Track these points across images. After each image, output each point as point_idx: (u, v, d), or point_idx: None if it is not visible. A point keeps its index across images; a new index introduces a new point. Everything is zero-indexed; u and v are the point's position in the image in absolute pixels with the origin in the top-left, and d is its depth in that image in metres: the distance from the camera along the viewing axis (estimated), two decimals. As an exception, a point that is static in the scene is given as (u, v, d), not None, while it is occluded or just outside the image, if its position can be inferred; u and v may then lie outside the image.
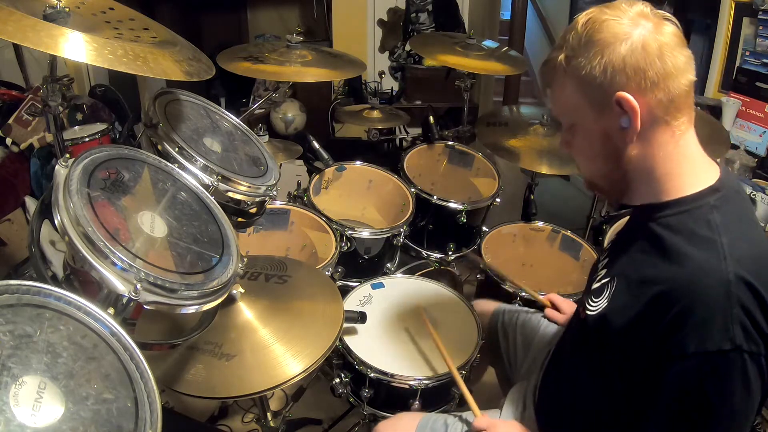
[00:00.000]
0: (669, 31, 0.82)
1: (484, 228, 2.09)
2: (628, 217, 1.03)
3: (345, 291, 1.59)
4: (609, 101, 0.83)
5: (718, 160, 0.91)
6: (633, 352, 0.83)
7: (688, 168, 0.86)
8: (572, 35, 0.84)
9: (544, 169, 1.95)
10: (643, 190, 0.90)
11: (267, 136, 2.02)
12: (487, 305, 1.58)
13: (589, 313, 0.95)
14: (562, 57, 0.85)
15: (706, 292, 0.77)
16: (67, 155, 0.92)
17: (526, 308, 1.54)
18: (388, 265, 1.95)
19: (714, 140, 1.86)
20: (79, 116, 2.39)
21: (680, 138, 0.86)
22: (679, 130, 0.85)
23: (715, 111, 2.33)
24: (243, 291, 1.17)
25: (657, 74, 0.80)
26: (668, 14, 0.84)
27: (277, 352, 1.09)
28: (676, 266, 0.80)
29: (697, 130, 0.88)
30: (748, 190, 1.98)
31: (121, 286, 0.79)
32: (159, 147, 1.11)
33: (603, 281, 0.95)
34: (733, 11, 2.32)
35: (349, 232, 1.80)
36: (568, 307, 1.44)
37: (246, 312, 1.16)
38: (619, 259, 0.95)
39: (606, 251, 1.06)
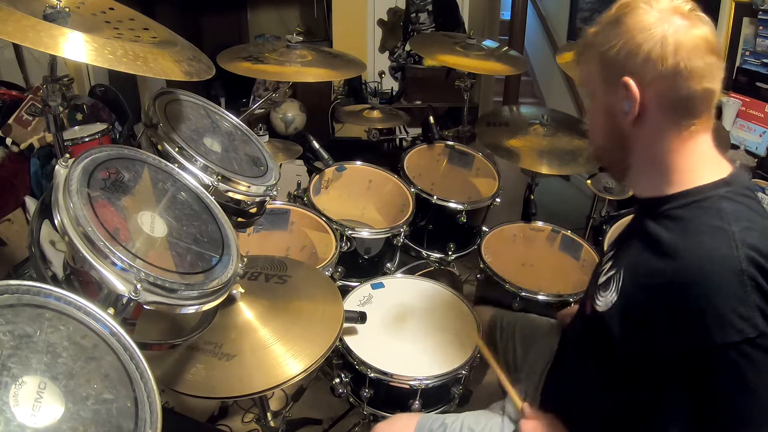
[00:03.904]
0: (697, 33, 0.82)
1: (484, 228, 2.08)
2: (632, 215, 1.03)
3: (345, 291, 1.59)
4: (617, 81, 0.86)
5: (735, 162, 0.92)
6: (648, 346, 0.83)
7: (695, 163, 0.87)
8: (606, 13, 0.89)
9: (544, 169, 1.95)
10: (647, 181, 0.92)
11: (267, 136, 2.02)
12: (484, 312, 1.58)
13: (598, 308, 0.94)
14: (592, 30, 0.90)
15: (720, 281, 0.77)
16: (67, 155, 0.92)
17: (523, 313, 1.54)
18: (388, 265, 1.95)
19: (714, 140, 1.85)
20: (79, 116, 2.39)
21: (688, 138, 0.86)
22: (687, 131, 0.86)
23: (715, 111, 2.32)
24: (243, 291, 1.17)
25: (667, 71, 0.82)
26: (705, 17, 0.84)
27: (277, 352, 1.09)
28: (687, 256, 0.80)
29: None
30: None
31: (121, 286, 0.79)
32: (159, 147, 1.11)
33: (609, 274, 0.95)
34: (733, 11, 2.32)
35: (349, 232, 1.80)
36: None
37: (246, 312, 1.16)
38: (624, 252, 0.96)
39: (612, 245, 1.06)
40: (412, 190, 2.02)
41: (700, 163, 0.87)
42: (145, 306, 0.83)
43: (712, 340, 0.76)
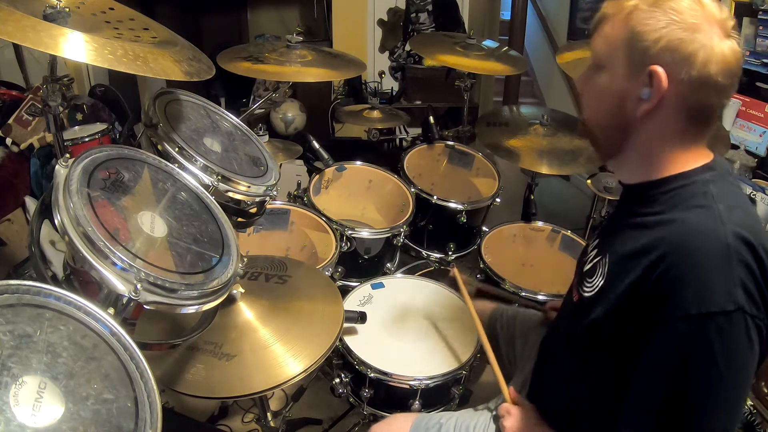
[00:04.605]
0: (736, 52, 0.82)
1: (484, 228, 2.09)
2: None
3: (345, 291, 1.59)
4: (643, 67, 0.83)
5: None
6: (631, 321, 0.83)
7: (684, 155, 0.88)
8: None
9: (544, 169, 1.95)
10: (634, 168, 0.92)
11: (267, 136, 2.02)
12: (486, 306, 1.58)
13: (585, 294, 0.95)
14: (633, 3, 0.85)
15: (704, 252, 0.77)
16: (67, 155, 0.92)
17: (524, 308, 1.54)
18: (388, 265, 1.95)
19: (714, 140, 1.85)
20: (79, 116, 2.39)
21: (690, 143, 0.88)
22: (689, 136, 0.87)
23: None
24: (243, 291, 1.17)
25: (701, 77, 0.81)
26: (739, 37, 0.84)
27: (277, 352, 1.09)
28: (672, 230, 0.81)
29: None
30: (748, 190, 1.98)
31: (121, 286, 0.79)
32: (159, 147, 1.12)
33: (594, 261, 0.96)
34: (733, 11, 2.32)
35: (349, 232, 1.80)
36: None
37: (246, 312, 1.16)
38: (609, 238, 0.96)
39: (597, 234, 1.07)
40: (412, 190, 2.02)
41: (689, 153, 0.88)
42: (145, 306, 0.83)
43: (687, 309, 0.76)
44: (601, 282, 0.92)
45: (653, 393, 0.81)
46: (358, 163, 2.13)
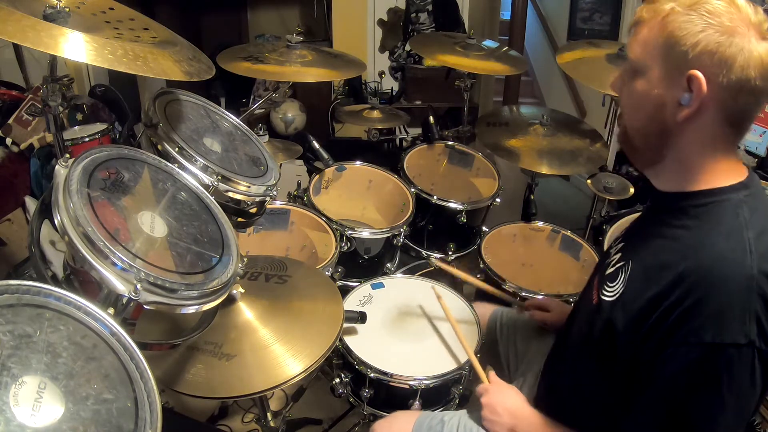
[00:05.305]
0: None
1: (484, 228, 2.09)
2: (639, 213, 1.04)
3: (345, 291, 1.59)
4: (682, 72, 0.82)
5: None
6: (645, 335, 0.84)
7: (721, 166, 0.87)
8: None
9: (544, 169, 1.96)
10: (671, 176, 0.91)
11: (267, 136, 2.02)
12: (486, 308, 1.58)
13: (605, 298, 0.95)
14: (670, 7, 0.83)
15: (728, 282, 0.78)
16: (67, 155, 0.92)
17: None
18: (388, 265, 1.95)
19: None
20: (79, 116, 2.39)
21: (726, 148, 0.87)
22: (726, 144, 0.86)
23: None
24: (243, 291, 1.17)
25: (740, 81, 0.79)
26: None
27: (277, 352, 1.09)
28: (699, 253, 0.81)
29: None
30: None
31: (121, 286, 0.79)
32: (159, 147, 1.11)
33: (617, 265, 0.96)
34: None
35: (349, 232, 1.80)
36: (557, 305, 1.43)
37: (246, 312, 1.16)
38: (635, 243, 0.96)
39: (620, 237, 1.06)
40: (412, 190, 2.02)
41: (724, 166, 0.87)
42: (145, 306, 0.83)
43: (703, 337, 0.77)
44: (622, 289, 0.91)
45: (658, 407, 0.83)
46: (358, 163, 2.13)
